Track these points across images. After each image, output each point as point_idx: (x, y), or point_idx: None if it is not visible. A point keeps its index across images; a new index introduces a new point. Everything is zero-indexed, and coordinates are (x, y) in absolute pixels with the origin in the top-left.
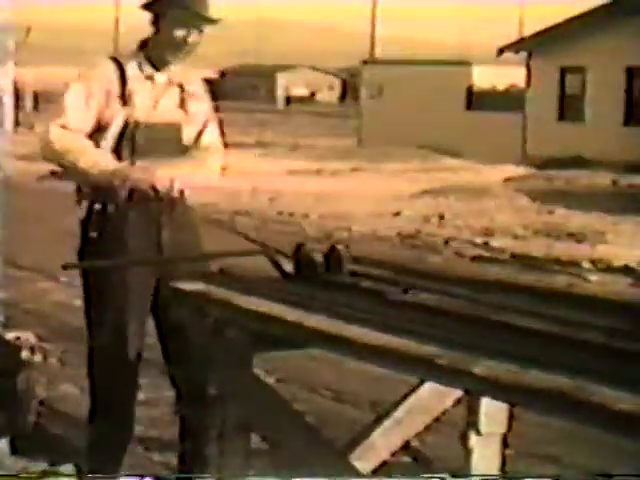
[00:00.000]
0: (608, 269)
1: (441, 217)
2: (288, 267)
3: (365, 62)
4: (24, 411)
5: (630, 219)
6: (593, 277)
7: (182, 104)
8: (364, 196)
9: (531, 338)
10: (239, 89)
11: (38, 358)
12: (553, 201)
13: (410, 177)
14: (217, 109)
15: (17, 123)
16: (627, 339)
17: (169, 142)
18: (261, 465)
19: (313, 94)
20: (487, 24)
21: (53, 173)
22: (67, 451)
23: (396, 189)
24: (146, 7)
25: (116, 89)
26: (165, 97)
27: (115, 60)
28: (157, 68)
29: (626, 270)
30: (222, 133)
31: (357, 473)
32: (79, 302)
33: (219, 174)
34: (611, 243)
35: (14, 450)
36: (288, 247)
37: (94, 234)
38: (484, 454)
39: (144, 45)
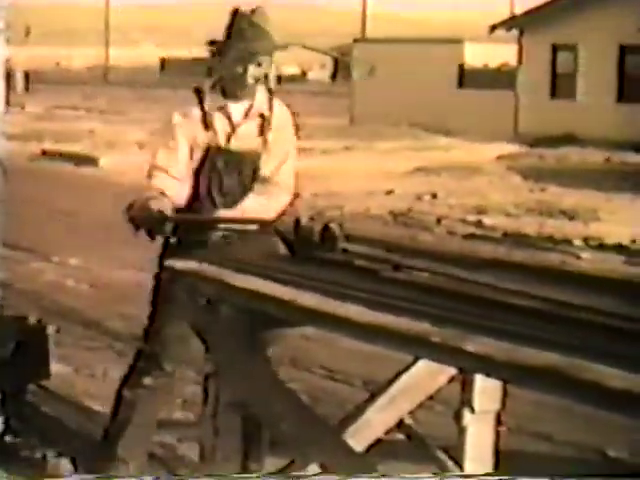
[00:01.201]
0: (601, 247)
1: (433, 195)
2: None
3: (356, 40)
4: (20, 391)
5: (623, 196)
6: (585, 255)
7: (262, 133)
8: (356, 175)
9: (524, 316)
10: None
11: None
12: (545, 179)
13: (402, 155)
14: None
15: (8, 103)
16: (619, 317)
17: (246, 169)
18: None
19: (304, 73)
20: (479, 2)
21: (44, 153)
22: (59, 431)
23: (388, 168)
24: (210, 45)
25: (198, 119)
26: (244, 127)
27: (195, 91)
28: (230, 98)
29: (619, 248)
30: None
31: (351, 451)
32: (71, 282)
33: (282, 207)
34: (604, 221)
35: (8, 429)
36: (281, 225)
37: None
38: (478, 431)
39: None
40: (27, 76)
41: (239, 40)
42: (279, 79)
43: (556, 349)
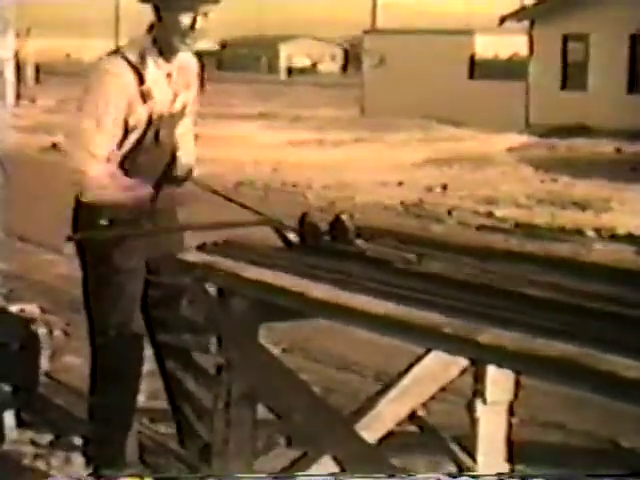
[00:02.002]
0: (612, 237)
1: (444, 187)
2: (293, 237)
3: (367, 32)
4: (32, 384)
5: (634, 187)
6: (597, 245)
7: (188, 86)
8: (367, 166)
9: (536, 306)
10: (241, 60)
11: (42, 330)
12: (557, 169)
13: (413, 147)
14: (219, 80)
15: (18, 96)
16: (632, 307)
17: (176, 124)
18: (267, 435)
19: (315, 64)
20: None
21: (55, 145)
22: (72, 423)
23: (399, 159)
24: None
25: (135, 91)
26: (177, 84)
27: (123, 58)
28: (166, 56)
29: (630, 238)
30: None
31: (363, 442)
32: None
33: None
34: (615, 211)
35: (20, 423)
36: (292, 217)
37: (104, 221)
38: (490, 422)
39: (151, 29)
40: (37, 68)
41: None
42: (290, 71)
43: (569, 339)
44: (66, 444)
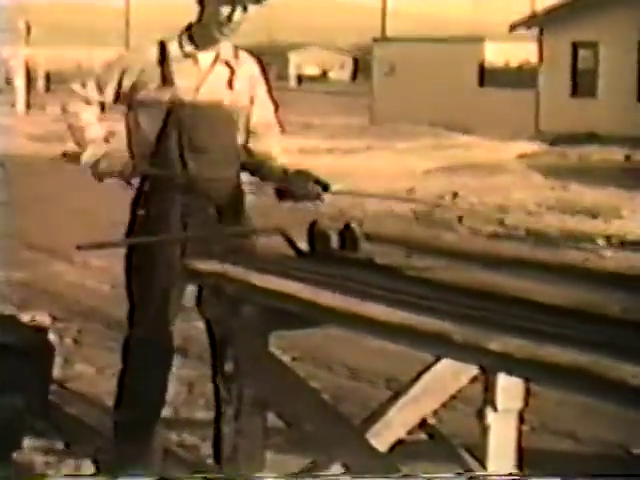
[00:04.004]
0: (622, 244)
1: (455, 194)
2: (302, 245)
3: (376, 40)
4: (44, 393)
5: None
6: (608, 252)
7: (231, 84)
8: (377, 174)
9: (547, 314)
10: None
11: (54, 339)
12: (567, 177)
13: (423, 155)
14: None
15: (29, 104)
16: None
17: (219, 122)
18: (277, 443)
19: (325, 73)
20: (499, 0)
21: (65, 155)
22: (83, 431)
23: (409, 167)
24: None
25: (153, 68)
26: (212, 76)
27: (160, 43)
28: (200, 46)
29: None
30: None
31: (374, 450)
32: (93, 283)
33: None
34: (625, 218)
35: (32, 430)
36: (303, 225)
37: (142, 212)
38: (501, 430)
39: (190, 27)
40: (48, 77)
41: None
42: (300, 79)
43: (579, 347)
44: (77, 452)
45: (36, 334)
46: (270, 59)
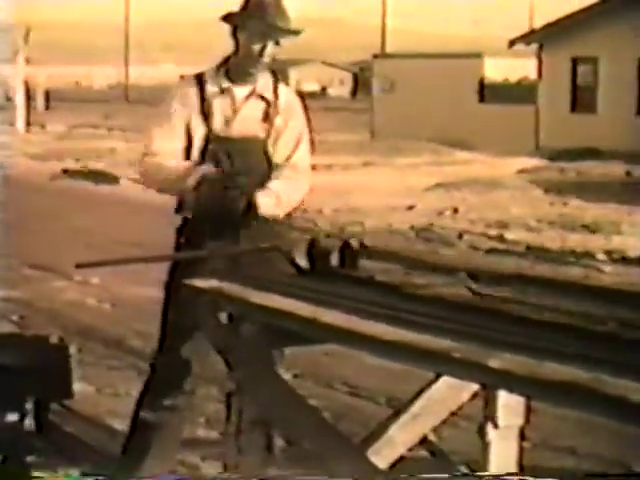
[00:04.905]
0: (623, 260)
1: (455, 210)
2: (303, 262)
3: (376, 56)
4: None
5: None
6: (608, 268)
7: (266, 118)
8: (377, 190)
9: (547, 330)
10: None
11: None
12: (567, 192)
13: (423, 171)
14: None
15: (28, 123)
16: None
17: (252, 156)
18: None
19: (324, 89)
20: (498, 16)
21: (65, 171)
22: (82, 450)
23: (409, 183)
24: (225, 19)
25: (196, 105)
26: (245, 110)
27: (196, 77)
28: (236, 81)
29: None
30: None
31: (375, 468)
32: (93, 301)
33: (304, 194)
34: (626, 234)
35: (40, 428)
36: (302, 242)
37: (182, 240)
38: (502, 447)
39: (227, 61)
40: (47, 95)
41: (259, 14)
42: (300, 95)
43: (579, 364)
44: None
45: (34, 353)
46: None
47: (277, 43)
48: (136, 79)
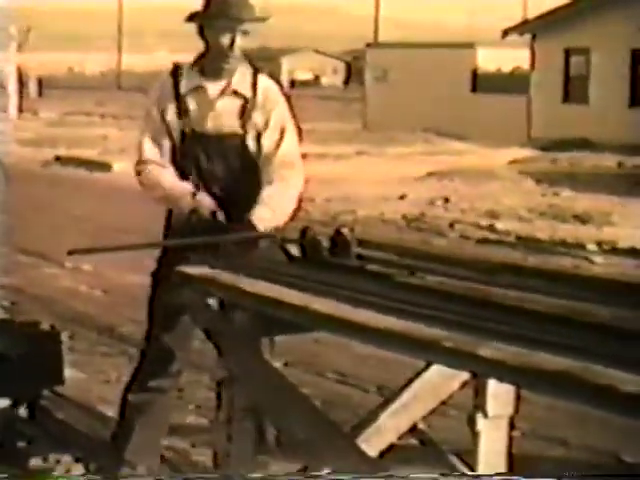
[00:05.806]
0: (614, 251)
1: (446, 200)
2: (294, 250)
3: (369, 45)
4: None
5: (636, 201)
6: (599, 259)
7: (243, 113)
8: (369, 180)
9: (537, 320)
10: None
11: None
12: (558, 183)
13: (415, 160)
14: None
15: (21, 109)
16: (633, 321)
17: (231, 153)
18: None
19: (317, 78)
20: (491, 6)
21: (58, 158)
22: (73, 437)
23: (401, 172)
24: (190, 19)
25: (172, 102)
26: (220, 106)
27: (171, 74)
28: (210, 77)
29: (632, 252)
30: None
31: (364, 456)
32: (85, 288)
33: (300, 190)
34: (617, 225)
35: (32, 416)
36: (294, 230)
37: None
38: (491, 436)
39: (201, 57)
40: (40, 82)
41: (223, 9)
42: (292, 84)
43: (570, 354)
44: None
45: (25, 339)
46: (262, 64)
47: (246, 33)
48: (129, 66)
